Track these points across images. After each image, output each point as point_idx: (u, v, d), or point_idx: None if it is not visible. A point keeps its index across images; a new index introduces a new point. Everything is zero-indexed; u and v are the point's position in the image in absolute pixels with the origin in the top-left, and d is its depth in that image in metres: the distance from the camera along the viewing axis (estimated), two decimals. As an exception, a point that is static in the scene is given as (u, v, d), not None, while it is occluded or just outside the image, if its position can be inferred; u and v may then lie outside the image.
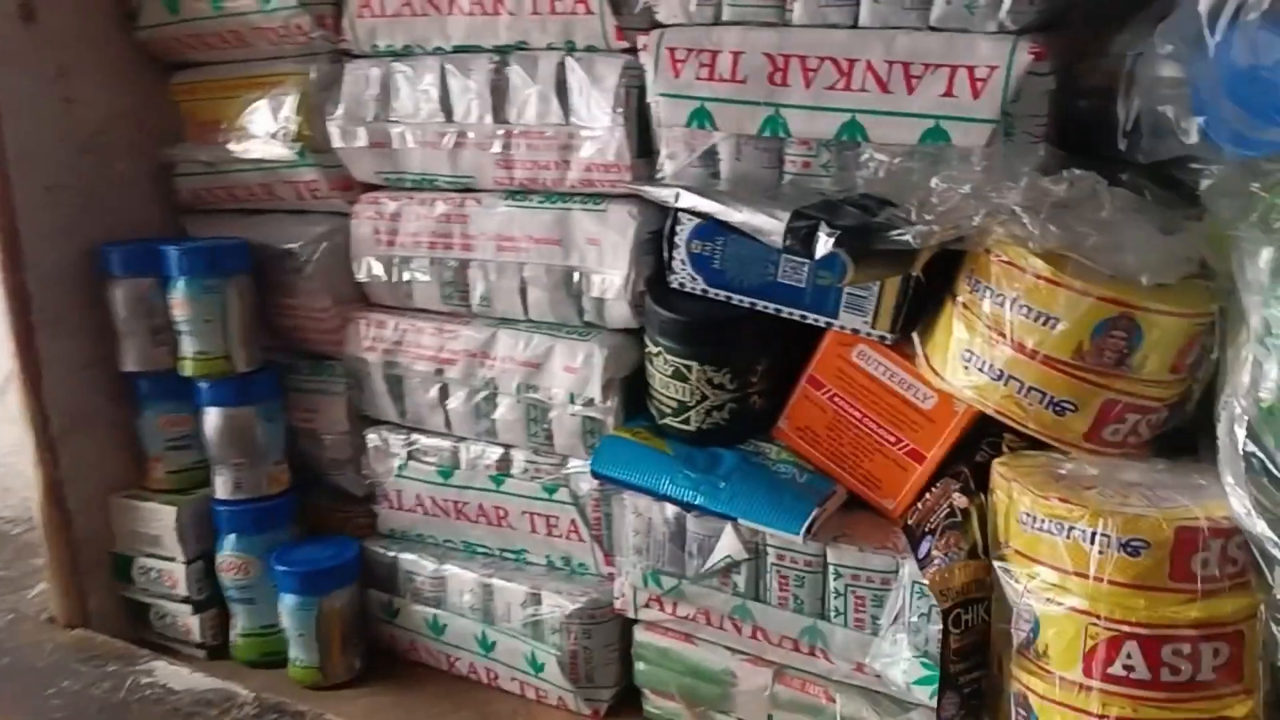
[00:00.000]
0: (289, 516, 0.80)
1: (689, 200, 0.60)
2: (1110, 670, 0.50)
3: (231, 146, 0.79)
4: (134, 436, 0.81)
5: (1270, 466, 0.46)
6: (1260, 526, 0.47)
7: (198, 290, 0.75)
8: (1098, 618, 0.50)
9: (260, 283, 0.79)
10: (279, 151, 0.77)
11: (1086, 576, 0.50)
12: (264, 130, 0.78)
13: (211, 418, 0.77)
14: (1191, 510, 0.50)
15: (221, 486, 0.78)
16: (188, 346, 0.76)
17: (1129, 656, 0.50)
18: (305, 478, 0.82)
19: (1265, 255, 0.46)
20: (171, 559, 0.79)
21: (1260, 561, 0.48)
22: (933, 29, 0.56)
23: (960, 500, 0.58)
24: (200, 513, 0.79)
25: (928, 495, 0.61)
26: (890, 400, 0.62)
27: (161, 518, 0.79)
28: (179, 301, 0.75)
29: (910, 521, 0.61)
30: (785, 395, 0.66)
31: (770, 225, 0.56)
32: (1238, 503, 0.47)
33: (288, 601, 0.75)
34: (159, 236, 0.83)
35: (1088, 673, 0.50)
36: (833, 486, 0.64)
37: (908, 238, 0.53)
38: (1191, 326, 0.52)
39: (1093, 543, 0.50)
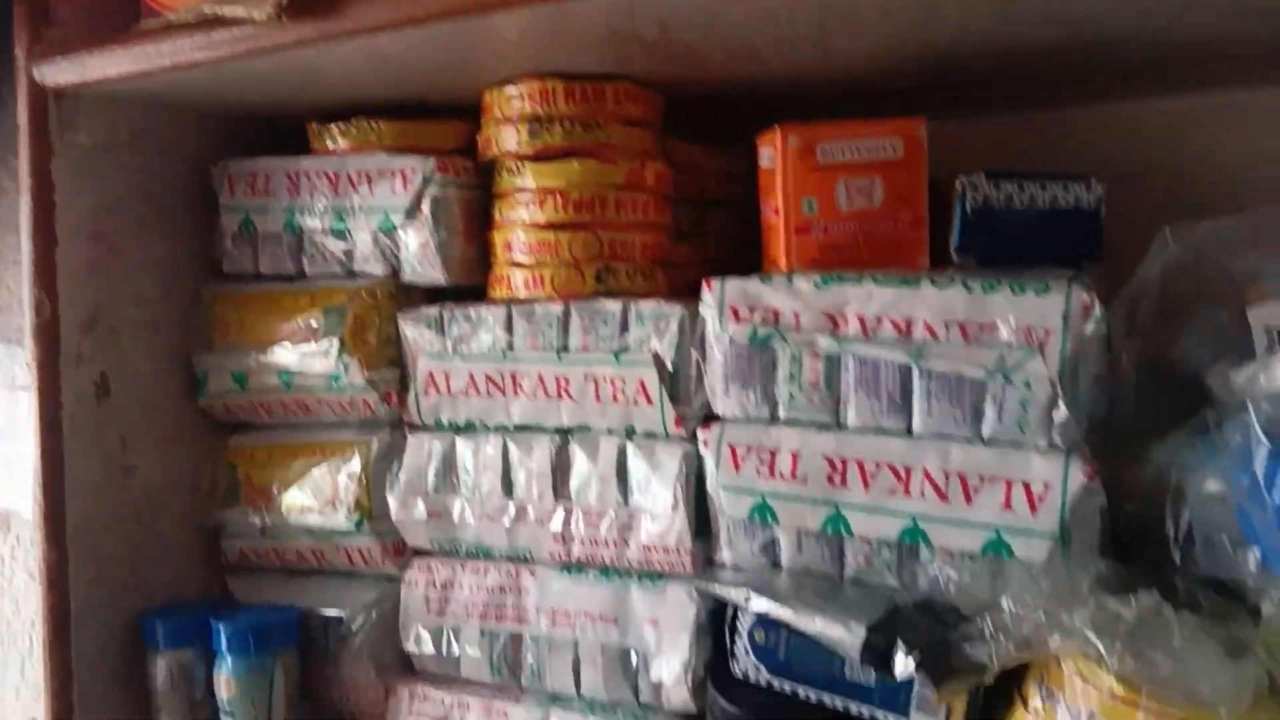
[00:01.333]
0: None
1: (760, 604, 0.64)
2: None
3: (287, 511, 0.84)
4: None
5: None
6: None
7: (245, 669, 0.77)
8: None
9: (310, 651, 0.81)
10: (336, 519, 0.82)
11: None
12: (322, 497, 0.83)
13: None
14: None
15: None
16: (227, 730, 0.77)
17: None
18: None
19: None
20: None
21: None
22: (984, 442, 0.62)
23: None
24: None
25: None
26: None
27: None
28: (225, 681, 0.77)
29: None
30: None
31: (844, 637, 0.59)
32: None
33: None
34: (201, 599, 0.86)
35: None
36: None
37: (980, 655, 0.56)
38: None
39: None
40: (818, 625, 0.61)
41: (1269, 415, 0.52)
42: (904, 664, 0.56)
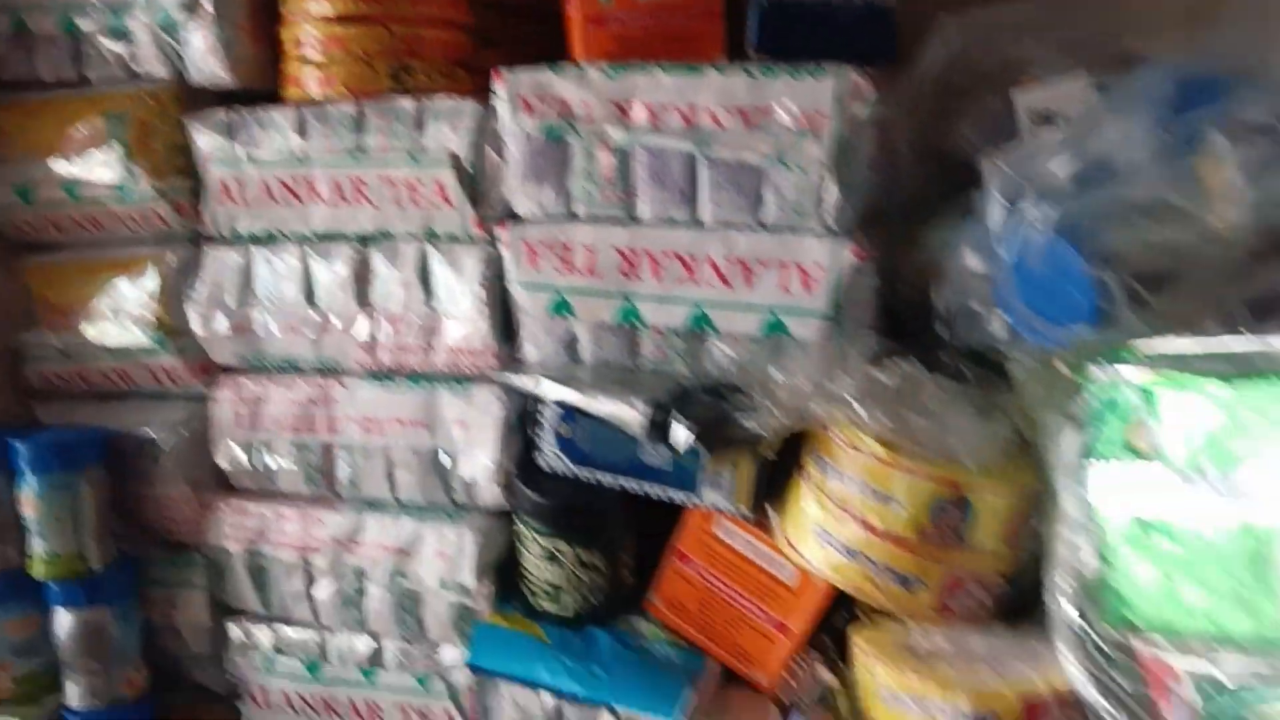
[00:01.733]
0: (147, 721, 0.80)
1: (550, 389, 0.66)
2: (970, 842, 0.55)
3: (86, 331, 0.82)
4: (-27, 642, 0.81)
5: (1095, 638, 0.52)
6: (1093, 695, 0.52)
7: (48, 487, 0.76)
8: (958, 794, 0.55)
9: (116, 471, 0.80)
10: (137, 338, 0.80)
11: (942, 751, 0.56)
12: (120, 316, 0.81)
13: (63, 620, 0.77)
14: (1036, 683, 0.56)
15: (73, 694, 0.78)
16: (37, 546, 0.77)
17: (985, 829, 0.55)
18: (165, 677, 0.83)
19: (1069, 439, 0.53)
20: (15, 779, 0.78)
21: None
22: (765, 228, 0.64)
23: (827, 676, 0.64)
24: (48, 724, 0.79)
25: (797, 667, 0.66)
26: (754, 574, 0.68)
27: (5, 733, 0.78)
28: (28, 500, 0.76)
29: (782, 696, 0.66)
30: (655, 569, 0.71)
31: (630, 416, 0.62)
32: (1073, 672, 0.54)
33: (144, 818, 0.74)
34: (7, 425, 0.84)
35: None
36: (704, 665, 0.69)
37: (755, 426, 0.59)
38: (1018, 503, 0.59)
39: (946, 717, 0.56)
40: (605, 407, 0.63)
41: (1007, 180, 0.55)
42: (682, 436, 0.59)
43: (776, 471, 0.66)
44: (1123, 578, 0.49)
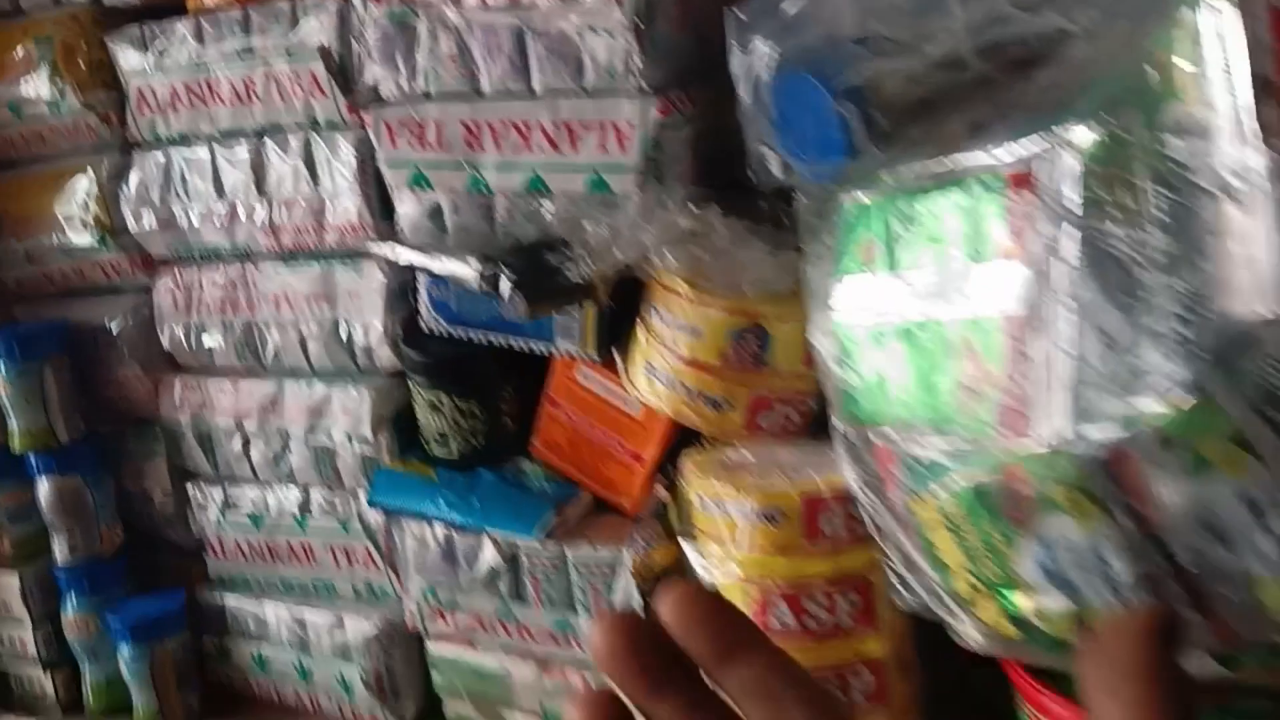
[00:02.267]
0: (124, 574, 0.93)
1: (404, 255, 0.74)
2: (768, 624, 0.63)
3: (43, 237, 0.93)
4: (-22, 515, 0.94)
5: (848, 436, 0.59)
6: (851, 484, 0.59)
7: (16, 374, 0.88)
8: (752, 581, 0.63)
9: (82, 358, 0.92)
10: (84, 238, 0.91)
11: (740, 546, 0.63)
12: (70, 220, 0.91)
13: (43, 488, 0.90)
14: (818, 482, 0.63)
15: (59, 551, 0.91)
16: (13, 424, 0.89)
17: (780, 611, 0.63)
18: (141, 536, 0.95)
19: (819, 263, 0.59)
20: (21, 624, 0.92)
21: (868, 522, 0.61)
22: (587, 93, 0.69)
23: (662, 493, 0.72)
24: (43, 578, 0.92)
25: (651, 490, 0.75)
26: (610, 412, 0.76)
27: (7, 586, 0.91)
28: (1, 385, 0.88)
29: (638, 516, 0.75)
30: (535, 416, 0.80)
31: (466, 273, 0.69)
32: (843, 468, 0.60)
33: (124, 652, 0.87)
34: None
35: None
36: (575, 492, 0.77)
37: (575, 276, 0.66)
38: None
39: (741, 516, 0.63)
40: (447, 267, 0.71)
41: (741, 23, 0.60)
42: (506, 287, 0.67)
43: (623, 319, 0.73)
44: (854, 380, 0.55)
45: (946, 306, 0.50)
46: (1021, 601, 0.49)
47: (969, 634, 0.59)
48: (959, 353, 0.49)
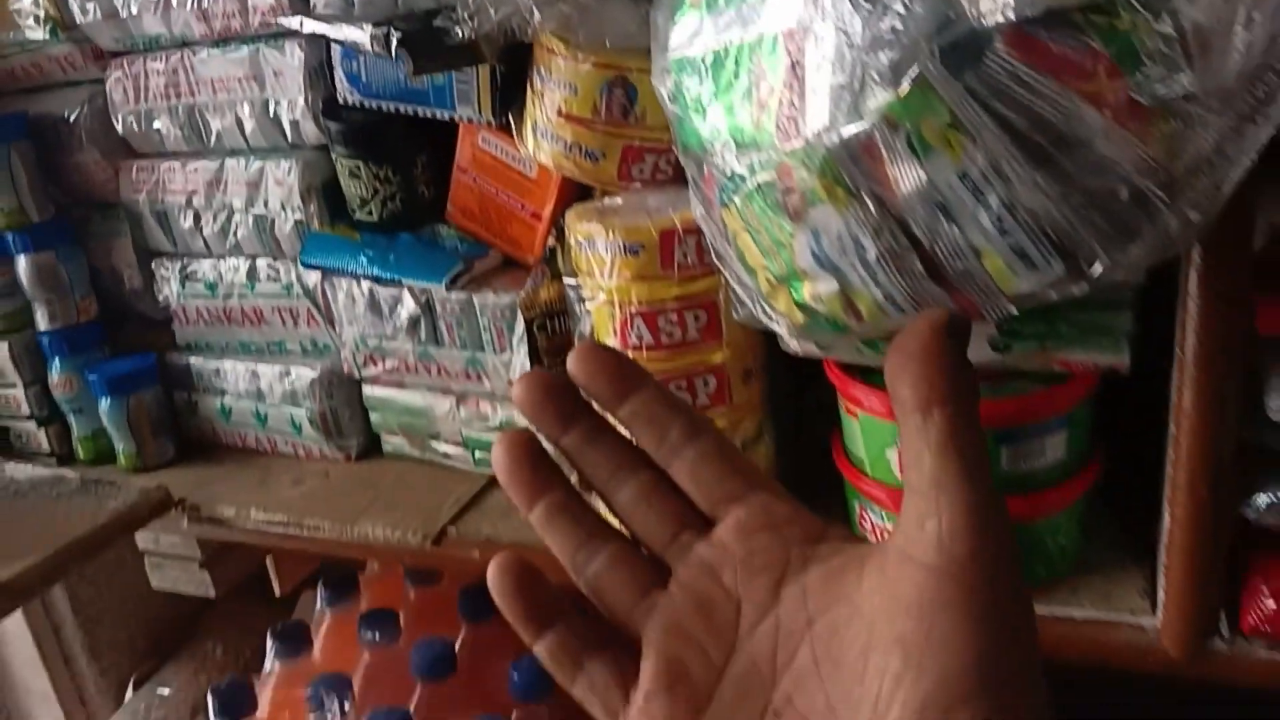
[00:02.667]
0: (100, 339, 1.03)
1: (307, 25, 0.80)
2: (630, 341, 0.73)
3: (2, 34, 1.00)
4: (-32, 292, 1.05)
5: (692, 175, 0.67)
6: (702, 222, 0.68)
7: (-15, 159, 0.97)
8: (616, 305, 0.72)
9: (46, 148, 1.00)
10: (36, 33, 0.97)
11: (607, 277, 0.72)
12: (22, 15, 0.98)
13: (21, 264, 1.00)
14: (673, 218, 0.71)
15: (41, 320, 1.01)
16: (-12, 205, 0.98)
17: (639, 329, 0.72)
18: (113, 310, 1.06)
19: (661, 15, 0.65)
20: (13, 386, 1.03)
21: (710, 250, 0.69)
22: None
23: (550, 241, 0.80)
24: (30, 345, 1.03)
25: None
26: (510, 174, 0.84)
27: (-1, 353, 1.03)
28: (-30, 171, 0.97)
29: (537, 268, 0.84)
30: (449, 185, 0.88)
31: (362, 37, 0.76)
32: (694, 205, 0.69)
33: (104, 405, 0.99)
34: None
35: (621, 345, 0.73)
36: (484, 251, 0.86)
37: (456, 36, 0.73)
38: (668, 78, 0.72)
39: (607, 250, 0.72)
40: (347, 33, 0.78)
41: None
42: (395, 48, 0.74)
43: (516, 84, 0.80)
44: (681, 112, 0.63)
45: (742, 31, 0.57)
46: (804, 289, 0.58)
47: (784, 337, 0.69)
48: (753, 72, 0.57)
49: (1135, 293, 0.61)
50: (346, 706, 0.86)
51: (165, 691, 1.27)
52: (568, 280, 0.76)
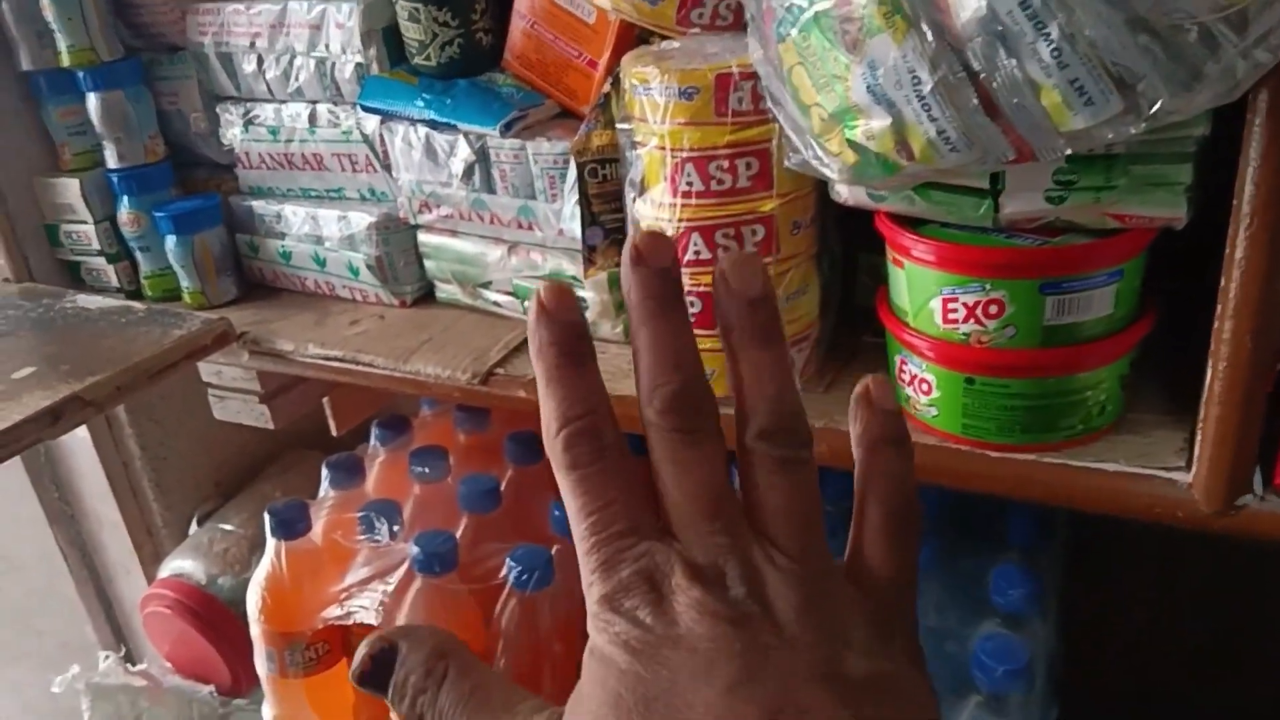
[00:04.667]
0: (167, 180, 1.05)
1: None
2: (679, 186, 0.72)
3: None
4: (44, 129, 1.07)
5: (753, 14, 0.65)
6: (759, 65, 0.67)
7: (54, -4, 0.97)
8: (668, 150, 0.72)
9: (115, -11, 1.01)
10: None
11: (660, 120, 0.72)
12: None
13: (92, 103, 1.01)
14: (730, 62, 0.70)
15: (110, 158, 1.04)
16: (61, 41, 0.99)
17: (689, 175, 0.72)
18: (181, 152, 1.07)
19: None
20: (85, 222, 1.06)
21: (766, 95, 0.68)
22: None
23: (605, 86, 0.80)
24: (100, 183, 1.05)
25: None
26: (568, 20, 0.83)
27: (71, 190, 1.05)
28: (45, 4, 0.98)
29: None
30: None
31: None
32: (752, 49, 0.68)
33: (169, 242, 1.01)
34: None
35: (671, 193, 0.73)
36: (540, 100, 0.86)
37: None
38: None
39: (662, 94, 0.71)
40: None
41: None
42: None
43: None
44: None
45: None
46: (858, 127, 0.58)
47: (835, 183, 0.68)
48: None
49: (1198, 145, 0.59)
50: (395, 529, 0.90)
51: (228, 527, 1.33)
52: (620, 125, 0.76)
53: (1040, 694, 0.79)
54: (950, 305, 0.65)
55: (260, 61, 0.97)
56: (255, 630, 1.02)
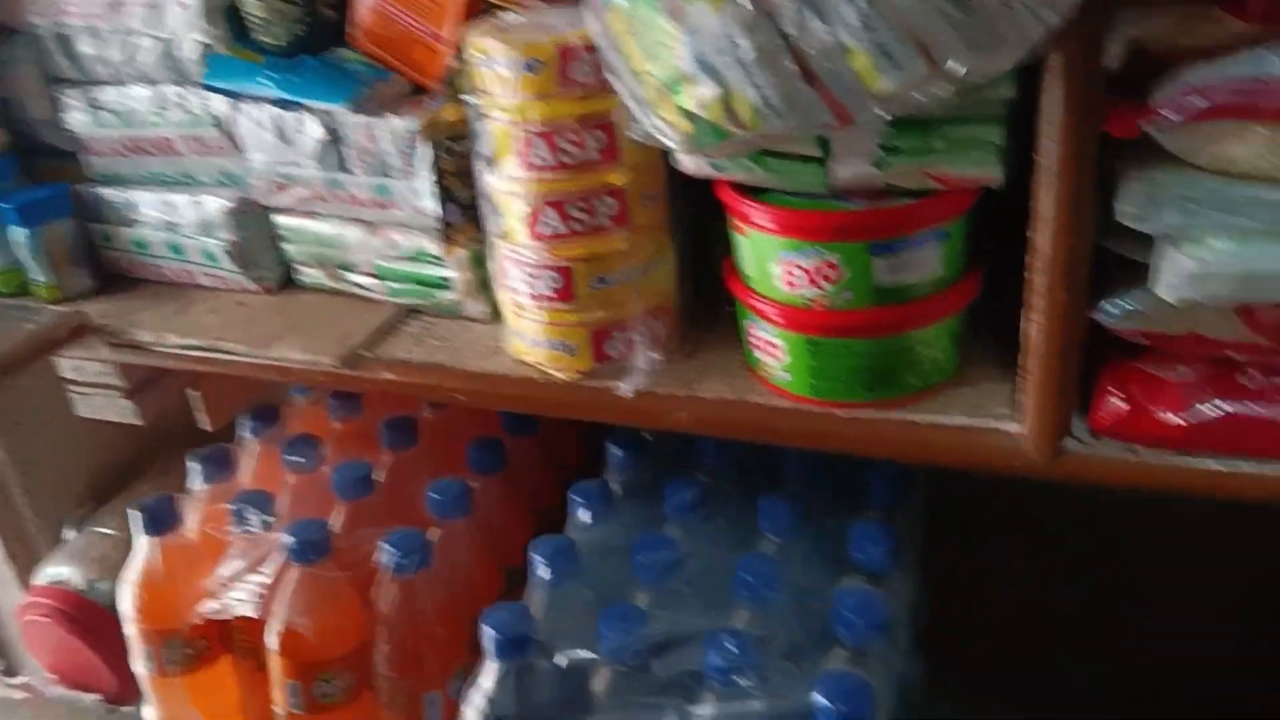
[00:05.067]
0: (11, 171, 1.01)
1: None
2: (530, 161, 0.72)
3: None
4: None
5: None
6: (598, 37, 0.67)
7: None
8: (516, 124, 0.72)
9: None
10: None
11: (507, 94, 0.72)
12: None
13: (-78, 92, 0.97)
14: (571, 35, 0.70)
15: (-52, 150, 0.99)
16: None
17: (538, 148, 0.72)
18: (23, 141, 1.03)
19: None
20: (-77, 217, 1.01)
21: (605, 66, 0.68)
22: None
23: (452, 61, 0.79)
24: (-63, 177, 1.01)
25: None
26: (413, -5, 0.82)
27: (-94, 183, 1.00)
28: None
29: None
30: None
31: None
32: (590, 22, 0.67)
33: (16, 235, 0.97)
34: None
35: (521, 165, 0.73)
36: (388, 75, 0.85)
37: None
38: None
39: (508, 68, 0.71)
40: None
41: None
42: None
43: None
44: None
45: None
46: (687, 95, 0.58)
47: (676, 152, 0.69)
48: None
49: (1007, 107, 0.62)
50: (269, 520, 0.89)
51: (105, 530, 1.29)
52: (467, 98, 0.75)
53: (902, 647, 0.82)
54: (790, 270, 0.67)
55: (101, 42, 0.93)
56: (130, 630, 0.99)
